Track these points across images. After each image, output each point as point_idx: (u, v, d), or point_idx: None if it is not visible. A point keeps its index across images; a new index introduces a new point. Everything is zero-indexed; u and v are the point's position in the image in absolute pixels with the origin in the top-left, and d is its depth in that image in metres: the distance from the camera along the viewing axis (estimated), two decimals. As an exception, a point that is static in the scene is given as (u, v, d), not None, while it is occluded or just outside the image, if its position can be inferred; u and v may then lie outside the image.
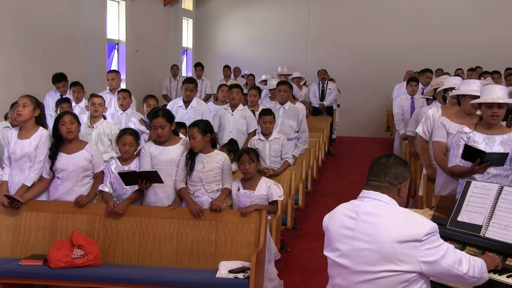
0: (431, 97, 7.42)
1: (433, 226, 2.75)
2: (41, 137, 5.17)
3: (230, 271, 4.56)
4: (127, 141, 5.21)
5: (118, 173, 5.05)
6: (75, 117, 5.24)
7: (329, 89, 13.24)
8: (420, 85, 9.72)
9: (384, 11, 16.24)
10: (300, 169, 7.31)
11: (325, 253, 2.98)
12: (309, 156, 8.53)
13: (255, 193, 5.14)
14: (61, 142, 5.17)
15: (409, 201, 7.37)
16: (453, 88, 5.96)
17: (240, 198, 5.16)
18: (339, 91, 15.13)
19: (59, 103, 7.06)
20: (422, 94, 8.94)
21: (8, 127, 6.30)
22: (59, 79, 8.23)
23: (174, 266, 4.90)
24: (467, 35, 15.68)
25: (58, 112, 6.44)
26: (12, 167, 5.21)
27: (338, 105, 15.24)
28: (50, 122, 6.07)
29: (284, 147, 6.68)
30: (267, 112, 6.73)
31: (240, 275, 4.50)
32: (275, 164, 6.65)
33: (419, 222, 2.76)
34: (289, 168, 6.72)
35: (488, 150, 4.33)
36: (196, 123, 5.12)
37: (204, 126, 5.08)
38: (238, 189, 5.20)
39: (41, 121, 5.28)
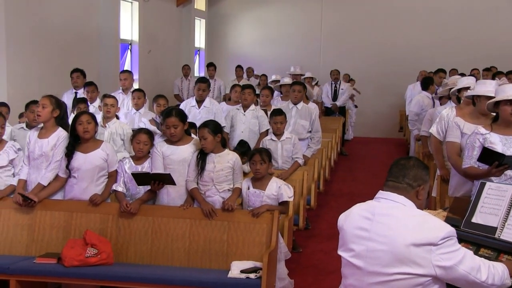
0: (446, 97, 7.37)
1: (450, 230, 2.69)
2: (59, 137, 5.21)
3: (242, 271, 4.56)
4: (141, 139, 5.23)
5: (132, 174, 5.07)
6: (93, 117, 5.27)
7: (342, 89, 13.21)
8: (435, 85, 9.65)
9: (398, 10, 16.17)
10: (312, 170, 7.29)
11: (339, 252, 2.95)
12: (322, 157, 8.51)
13: (265, 193, 5.14)
14: (77, 141, 5.20)
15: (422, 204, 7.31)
16: (467, 88, 5.91)
17: (250, 197, 5.16)
18: (358, 92, 15.11)
19: (76, 103, 7.09)
20: (436, 94, 8.88)
21: (23, 128, 6.34)
22: (75, 69, 8.36)
23: (186, 266, 4.91)
24: (483, 34, 15.57)
25: (75, 112, 6.49)
26: (30, 166, 5.25)
27: (356, 106, 15.24)
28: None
29: (295, 147, 6.67)
30: (278, 112, 6.73)
31: (252, 275, 4.50)
32: (288, 164, 6.65)
33: (436, 226, 2.70)
34: (301, 168, 6.71)
35: (506, 151, 4.28)
36: (206, 124, 5.13)
37: (214, 127, 5.09)
38: (248, 188, 5.20)
39: (61, 121, 5.31)
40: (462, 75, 9.10)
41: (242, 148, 6.73)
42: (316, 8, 16.76)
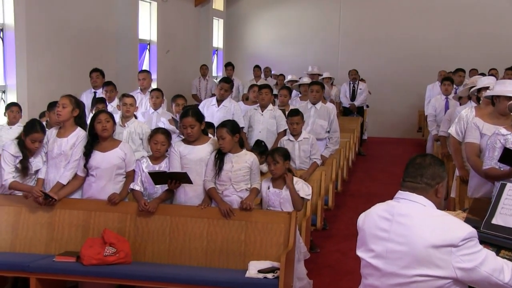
0: (467, 97, 7.31)
1: (471, 231, 2.64)
2: (78, 137, 5.25)
3: (259, 271, 4.56)
4: (159, 140, 5.24)
5: (148, 173, 5.10)
6: (111, 116, 5.31)
7: (360, 89, 13.16)
8: (454, 85, 9.60)
9: (417, 9, 16.04)
10: (330, 170, 7.27)
11: (358, 253, 2.92)
12: (340, 157, 8.49)
13: (283, 192, 5.13)
14: (96, 140, 5.24)
15: (442, 202, 7.27)
16: (487, 88, 5.85)
17: (270, 197, 5.16)
18: (369, 92, 15.03)
19: (95, 103, 7.15)
20: (455, 94, 8.83)
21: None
22: (94, 69, 8.44)
23: (204, 265, 4.92)
24: (504, 33, 15.40)
25: (94, 112, 6.54)
26: (49, 165, 5.29)
27: (367, 106, 15.16)
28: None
29: (313, 147, 6.65)
30: (294, 113, 6.72)
31: (270, 275, 4.50)
32: (305, 165, 6.63)
33: (456, 226, 2.66)
34: (319, 169, 6.70)
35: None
36: (224, 124, 5.14)
37: (232, 127, 5.10)
38: (268, 188, 5.20)
39: (80, 121, 5.35)
40: (483, 75, 9.03)
41: (259, 148, 6.72)
42: (334, 8, 16.70)
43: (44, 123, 6.45)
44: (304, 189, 5.16)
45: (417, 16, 16.03)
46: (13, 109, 6.71)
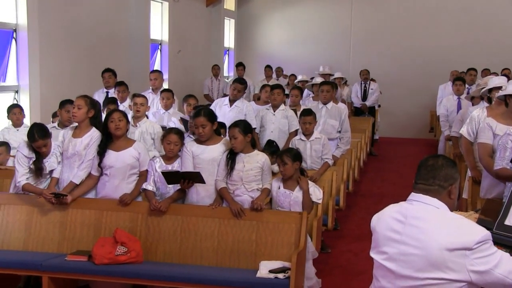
0: (479, 97, 7.27)
1: (486, 234, 2.61)
2: (92, 137, 5.27)
3: (270, 271, 4.56)
4: (172, 140, 5.25)
5: (162, 173, 5.11)
6: (124, 115, 5.32)
7: (372, 89, 13.12)
8: (466, 85, 9.55)
9: (428, 9, 15.98)
10: (341, 170, 7.26)
11: (372, 254, 2.90)
12: (351, 157, 8.47)
13: (294, 193, 5.12)
14: (110, 139, 5.26)
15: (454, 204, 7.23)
16: (499, 88, 5.82)
17: (279, 197, 5.15)
18: (380, 92, 14.98)
19: (106, 103, 7.16)
20: (467, 94, 8.79)
21: (55, 127, 6.43)
22: (106, 69, 8.48)
23: (215, 265, 4.92)
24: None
25: (105, 112, 6.57)
26: (63, 165, 5.32)
27: (379, 105, 15.11)
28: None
29: (324, 147, 6.64)
30: (307, 112, 6.71)
31: (281, 275, 4.49)
32: (316, 165, 6.62)
33: (471, 229, 2.63)
34: (331, 169, 6.68)
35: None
36: (236, 124, 5.15)
37: (244, 127, 5.11)
38: (279, 188, 5.19)
39: (95, 121, 5.37)
40: (495, 74, 8.99)
41: (271, 148, 6.72)
42: (345, 8, 16.66)
43: (56, 123, 6.51)
44: (315, 193, 5.14)
45: (429, 15, 15.96)
46: (15, 111, 6.72)
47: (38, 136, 5.12)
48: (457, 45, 15.60)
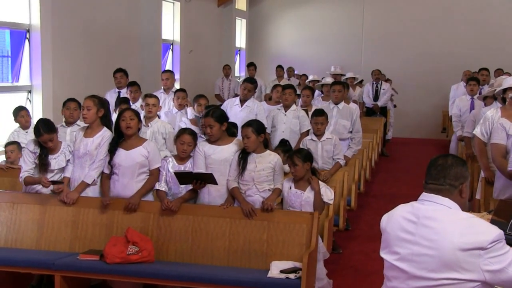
0: (492, 97, 7.22)
1: (499, 233, 2.61)
2: (103, 137, 5.30)
3: (281, 271, 4.55)
4: (185, 140, 5.25)
5: (174, 173, 5.12)
6: (136, 114, 5.33)
7: (383, 89, 13.07)
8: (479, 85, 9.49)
9: (441, 8, 15.91)
10: (353, 170, 7.24)
11: (382, 255, 2.90)
12: (362, 157, 8.44)
13: (305, 194, 5.10)
14: (121, 138, 5.28)
15: (466, 204, 7.19)
16: (512, 88, 5.77)
17: (291, 197, 5.14)
18: (396, 92, 14.94)
19: (118, 103, 7.18)
20: (479, 94, 8.73)
21: (62, 125, 6.44)
22: (118, 69, 8.49)
23: (226, 265, 4.92)
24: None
25: (117, 112, 6.59)
26: (75, 164, 5.35)
27: (395, 106, 15.07)
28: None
29: (336, 148, 6.62)
30: (319, 113, 6.70)
31: (292, 276, 4.49)
32: (328, 165, 6.60)
33: (484, 229, 2.63)
34: (342, 169, 6.67)
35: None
36: (249, 123, 5.14)
37: (257, 126, 5.11)
38: (290, 188, 5.18)
39: (105, 120, 5.40)
40: (508, 75, 8.92)
41: (284, 147, 6.70)
42: (357, 7, 16.63)
43: (63, 122, 6.52)
44: (327, 193, 5.12)
45: (441, 16, 15.90)
46: (22, 114, 6.70)
47: (43, 130, 5.16)
48: (469, 45, 15.51)
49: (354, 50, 16.62)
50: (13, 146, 6.29)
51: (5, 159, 6.43)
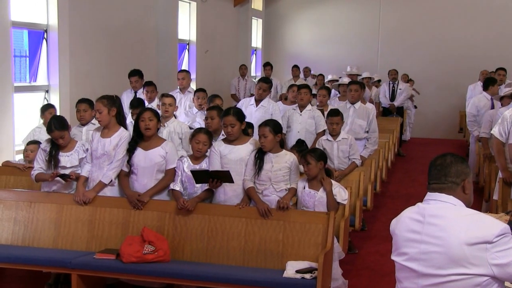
0: (509, 97, 7.16)
1: (505, 227, 2.63)
2: (121, 137, 5.32)
3: (297, 271, 4.54)
4: (201, 139, 5.25)
5: (190, 171, 5.12)
6: (155, 114, 5.35)
7: (400, 89, 13.00)
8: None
9: (458, 8, 15.78)
10: (369, 170, 7.21)
11: (393, 257, 2.92)
12: (378, 157, 8.40)
13: (318, 194, 5.08)
14: (141, 138, 5.31)
15: (483, 205, 7.14)
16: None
17: (304, 197, 5.13)
18: (418, 92, 14.87)
19: (132, 105, 7.09)
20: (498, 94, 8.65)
21: (78, 125, 6.47)
22: (133, 73, 8.51)
23: (241, 265, 4.93)
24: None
25: (131, 115, 6.62)
26: (93, 164, 5.39)
27: (415, 107, 15.00)
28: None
29: (352, 148, 6.60)
30: (335, 113, 6.68)
31: (307, 276, 4.48)
32: (343, 165, 6.59)
33: (489, 223, 2.65)
34: (358, 169, 6.64)
35: None
36: (267, 123, 5.14)
37: (275, 126, 5.10)
38: (304, 188, 5.17)
39: (120, 118, 5.43)
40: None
41: (300, 147, 6.69)
42: (374, 7, 16.55)
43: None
44: (341, 194, 5.09)
45: (458, 15, 15.77)
46: (51, 110, 6.72)
47: (55, 127, 5.23)
48: (487, 45, 15.37)
49: (371, 50, 16.54)
50: (34, 146, 6.32)
51: (23, 158, 6.48)
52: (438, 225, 2.71)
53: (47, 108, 6.77)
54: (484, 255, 2.58)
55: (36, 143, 6.37)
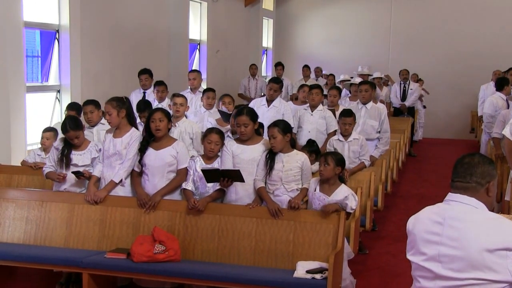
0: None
1: None
2: (132, 137, 5.35)
3: (307, 271, 4.54)
4: (213, 139, 5.26)
5: (202, 170, 5.12)
6: (166, 114, 5.34)
7: (411, 89, 12.95)
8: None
9: (469, 7, 15.70)
10: (380, 170, 7.18)
11: (409, 257, 2.88)
12: (389, 157, 8.38)
13: (329, 199, 4.98)
14: (152, 138, 5.33)
15: (495, 206, 7.10)
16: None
17: (314, 200, 5.08)
18: (427, 92, 14.81)
19: (138, 110, 6.90)
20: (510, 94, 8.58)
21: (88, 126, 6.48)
22: (143, 71, 8.54)
23: (252, 265, 4.92)
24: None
25: (140, 117, 6.62)
26: (104, 164, 5.42)
27: (424, 107, 14.93)
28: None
29: (362, 148, 6.58)
30: (347, 113, 6.65)
31: (318, 276, 4.47)
32: (354, 165, 6.56)
33: (510, 230, 2.60)
34: (369, 169, 6.63)
35: None
36: (276, 123, 5.13)
37: (283, 126, 5.09)
38: (315, 190, 5.13)
39: (130, 118, 5.45)
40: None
41: (311, 147, 6.67)
42: (385, 7, 16.51)
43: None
44: (351, 203, 4.93)
45: (469, 15, 15.69)
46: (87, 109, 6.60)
47: (70, 127, 5.29)
48: (498, 44, 15.28)
49: (382, 50, 16.50)
50: (50, 133, 6.30)
51: (40, 145, 6.49)
52: (458, 229, 2.67)
53: (84, 107, 6.61)
54: (504, 262, 2.54)
55: (52, 130, 6.37)
